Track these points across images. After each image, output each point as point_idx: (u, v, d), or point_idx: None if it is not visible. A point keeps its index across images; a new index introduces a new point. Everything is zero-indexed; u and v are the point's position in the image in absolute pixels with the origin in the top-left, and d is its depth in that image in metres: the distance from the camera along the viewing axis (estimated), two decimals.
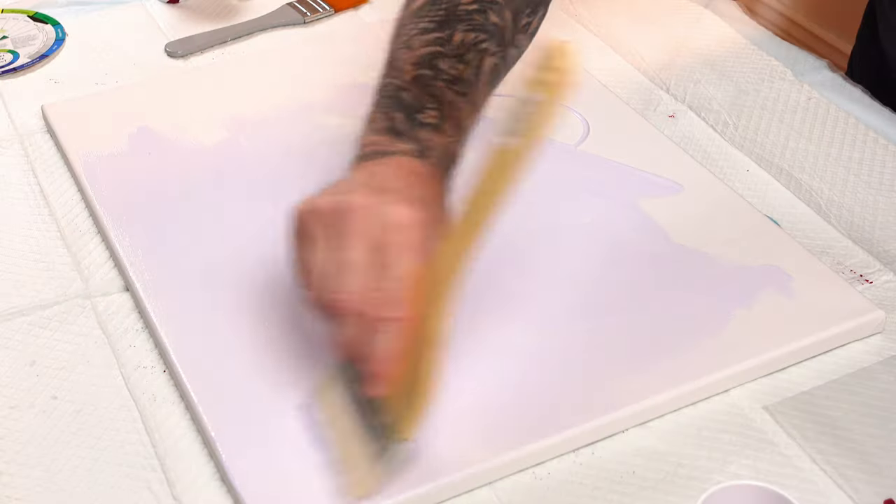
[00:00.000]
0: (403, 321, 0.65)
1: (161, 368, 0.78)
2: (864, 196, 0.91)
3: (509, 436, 0.71)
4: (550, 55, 0.60)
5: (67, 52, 1.11)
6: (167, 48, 1.11)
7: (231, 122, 0.99)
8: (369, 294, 0.66)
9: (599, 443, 0.72)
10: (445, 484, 0.69)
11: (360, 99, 1.01)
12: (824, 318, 0.79)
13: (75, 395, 0.76)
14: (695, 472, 0.70)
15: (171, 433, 0.73)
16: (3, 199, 0.93)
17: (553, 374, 0.75)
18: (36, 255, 0.88)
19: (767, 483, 0.66)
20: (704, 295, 0.81)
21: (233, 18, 1.16)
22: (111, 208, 0.89)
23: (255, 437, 0.71)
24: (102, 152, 0.95)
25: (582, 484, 0.70)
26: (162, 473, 0.71)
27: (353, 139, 0.76)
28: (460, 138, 0.75)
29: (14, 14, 1.16)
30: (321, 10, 1.16)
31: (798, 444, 0.72)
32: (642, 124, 0.98)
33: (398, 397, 0.67)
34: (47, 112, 1.01)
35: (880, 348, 0.79)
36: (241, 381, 0.75)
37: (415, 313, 0.65)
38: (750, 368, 0.76)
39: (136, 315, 0.82)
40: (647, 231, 0.86)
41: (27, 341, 0.80)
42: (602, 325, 0.79)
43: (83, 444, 0.73)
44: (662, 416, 0.74)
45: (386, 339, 0.66)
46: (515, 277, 0.83)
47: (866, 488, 0.69)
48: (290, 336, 0.78)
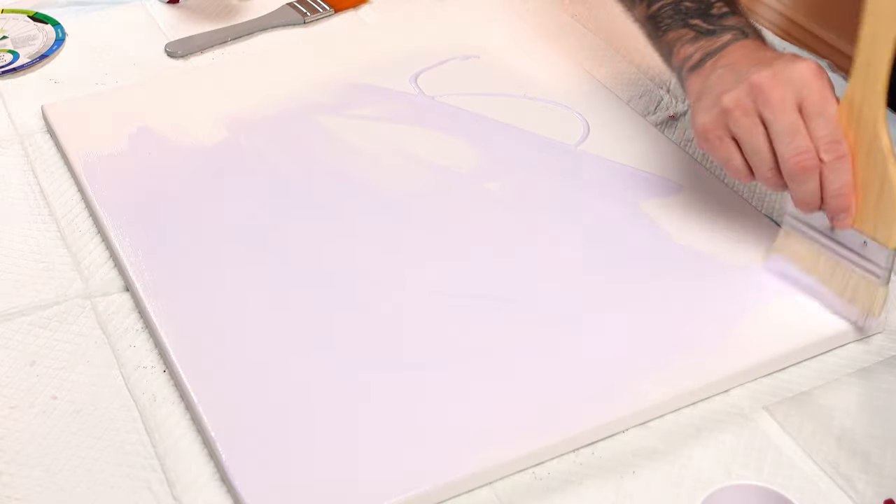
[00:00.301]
0: (849, 155, 0.74)
1: (161, 368, 0.78)
2: None
3: (509, 436, 0.71)
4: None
5: (67, 52, 1.11)
6: (167, 48, 1.11)
7: (231, 122, 0.99)
8: (821, 144, 0.74)
9: (599, 443, 0.72)
10: (445, 484, 0.69)
11: (361, 99, 1.02)
12: (824, 319, 0.79)
13: (75, 395, 0.76)
14: (695, 472, 0.70)
15: (171, 433, 0.73)
16: (3, 199, 0.93)
17: (553, 374, 0.75)
18: (36, 255, 0.88)
19: (767, 483, 0.66)
20: (704, 295, 0.81)
21: (233, 18, 1.16)
22: (111, 208, 0.89)
23: (255, 437, 0.71)
24: (102, 152, 0.95)
25: (582, 484, 0.70)
26: (162, 473, 0.71)
27: (668, 69, 0.87)
28: (747, 15, 0.85)
29: (14, 14, 1.16)
30: (321, 10, 1.16)
31: (798, 444, 0.72)
32: (642, 125, 0.98)
33: (866, 218, 0.75)
34: (47, 112, 1.01)
35: (880, 348, 0.79)
36: (241, 381, 0.75)
37: (852, 144, 0.74)
38: (750, 368, 0.76)
39: (136, 315, 0.82)
40: (647, 231, 0.86)
41: (27, 341, 0.80)
42: (602, 326, 0.79)
43: (83, 444, 0.73)
44: (662, 416, 0.74)
45: (842, 176, 0.74)
46: (515, 277, 0.83)
47: (866, 488, 0.69)
48: (290, 335, 0.78)
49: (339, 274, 0.83)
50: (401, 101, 1.01)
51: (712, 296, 0.81)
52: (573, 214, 0.88)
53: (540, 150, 0.95)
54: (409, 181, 0.92)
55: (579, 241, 0.86)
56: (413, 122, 0.99)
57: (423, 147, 0.95)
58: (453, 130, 0.97)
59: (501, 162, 0.94)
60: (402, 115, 1.00)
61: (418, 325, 0.79)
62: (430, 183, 0.92)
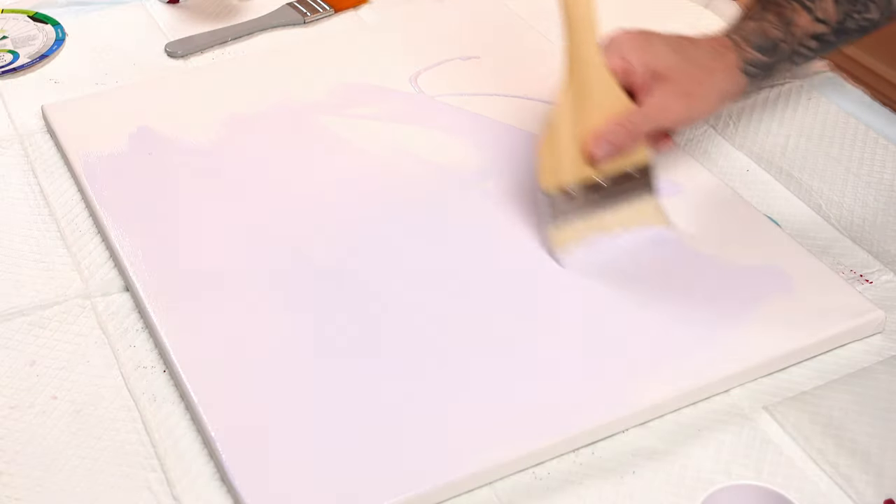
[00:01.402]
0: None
1: (161, 368, 0.78)
2: (864, 196, 0.91)
3: (509, 436, 0.71)
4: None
5: (67, 52, 1.11)
6: (167, 48, 1.11)
7: (231, 122, 0.99)
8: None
9: (599, 443, 0.72)
10: (445, 484, 0.69)
11: (361, 99, 1.02)
12: (824, 318, 0.79)
13: (75, 395, 0.76)
14: (695, 472, 0.70)
15: (171, 433, 0.74)
16: (3, 199, 0.93)
17: (553, 374, 0.75)
18: (36, 255, 0.88)
19: (767, 483, 0.66)
20: (705, 295, 0.81)
21: (233, 18, 1.16)
22: (111, 208, 0.89)
23: (255, 437, 0.71)
24: (102, 152, 0.95)
25: (582, 484, 0.70)
26: (162, 473, 0.71)
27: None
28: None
29: (14, 14, 1.16)
30: (321, 10, 1.16)
31: (798, 444, 0.72)
32: None
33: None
34: (47, 112, 1.01)
35: (880, 348, 0.79)
36: (241, 381, 0.75)
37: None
38: (750, 368, 0.76)
39: (136, 315, 0.82)
40: (647, 231, 0.86)
41: (27, 341, 0.80)
42: (602, 325, 0.79)
43: (83, 444, 0.73)
44: (662, 416, 0.74)
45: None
46: (515, 277, 0.83)
47: (866, 488, 0.69)
48: (290, 335, 0.78)
49: (339, 274, 0.83)
50: (401, 101, 1.01)
51: (712, 296, 0.81)
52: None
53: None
54: (408, 181, 0.92)
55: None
56: (413, 122, 0.99)
57: (422, 147, 0.95)
58: (453, 130, 0.97)
59: (501, 162, 0.94)
60: (402, 115, 1.00)
61: (418, 325, 0.79)
62: (429, 183, 0.92)
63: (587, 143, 0.83)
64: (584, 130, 0.83)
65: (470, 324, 0.79)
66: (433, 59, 1.07)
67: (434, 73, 1.05)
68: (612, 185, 0.85)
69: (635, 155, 0.85)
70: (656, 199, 0.86)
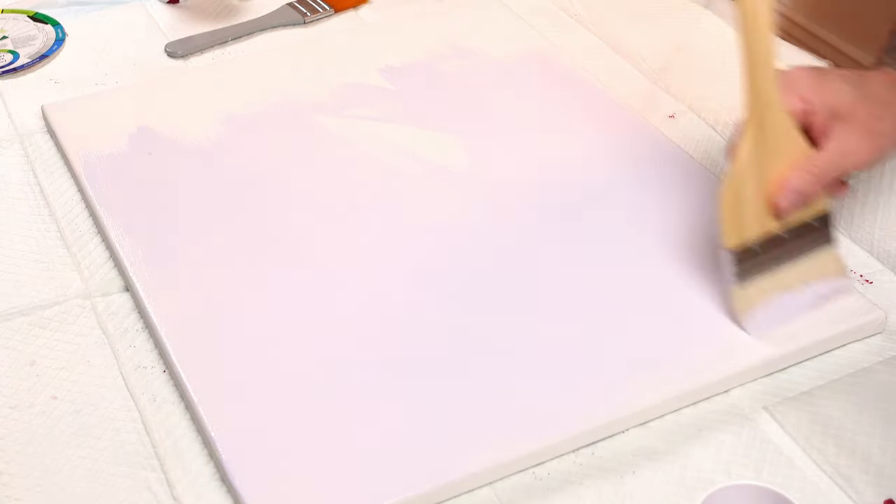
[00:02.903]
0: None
1: (161, 368, 0.78)
2: (864, 196, 0.91)
3: (509, 436, 0.71)
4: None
5: (67, 52, 1.11)
6: (167, 48, 1.11)
7: (231, 122, 0.99)
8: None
9: (599, 443, 0.72)
10: (445, 484, 0.69)
11: (360, 99, 1.02)
12: (824, 318, 0.79)
13: (75, 395, 0.76)
14: (695, 472, 0.70)
15: (171, 433, 0.74)
16: (3, 199, 0.93)
17: (553, 374, 0.75)
18: (36, 255, 0.88)
19: (767, 483, 0.66)
20: (704, 295, 0.81)
21: (233, 18, 1.16)
22: (111, 208, 0.89)
23: (255, 437, 0.72)
24: (102, 152, 0.95)
25: (582, 484, 0.70)
26: (162, 473, 0.71)
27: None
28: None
29: (14, 14, 1.16)
30: (321, 10, 1.16)
31: (798, 444, 0.72)
32: (642, 124, 0.98)
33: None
34: (47, 112, 1.01)
35: (880, 348, 0.79)
36: (241, 381, 0.75)
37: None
38: (750, 368, 0.76)
39: (136, 315, 0.82)
40: (647, 231, 0.86)
41: (27, 341, 0.80)
42: (602, 325, 0.79)
43: (83, 444, 0.73)
44: (662, 416, 0.74)
45: None
46: (514, 277, 0.83)
47: (866, 488, 0.69)
48: (290, 335, 0.78)
49: (339, 273, 0.83)
50: (401, 102, 1.01)
51: (712, 296, 0.80)
52: (573, 215, 0.88)
53: (539, 149, 0.95)
54: (408, 181, 0.92)
55: (579, 241, 0.86)
56: (413, 123, 0.98)
57: (422, 147, 0.95)
58: (452, 130, 0.97)
59: (500, 162, 0.94)
60: (402, 114, 1.00)
61: (418, 325, 0.79)
62: (429, 182, 0.92)
63: (772, 195, 0.76)
64: (767, 181, 0.76)
65: (469, 324, 0.79)
66: (433, 58, 1.07)
67: (434, 72, 1.05)
68: (793, 237, 0.78)
69: (816, 204, 0.79)
70: (835, 250, 0.81)
